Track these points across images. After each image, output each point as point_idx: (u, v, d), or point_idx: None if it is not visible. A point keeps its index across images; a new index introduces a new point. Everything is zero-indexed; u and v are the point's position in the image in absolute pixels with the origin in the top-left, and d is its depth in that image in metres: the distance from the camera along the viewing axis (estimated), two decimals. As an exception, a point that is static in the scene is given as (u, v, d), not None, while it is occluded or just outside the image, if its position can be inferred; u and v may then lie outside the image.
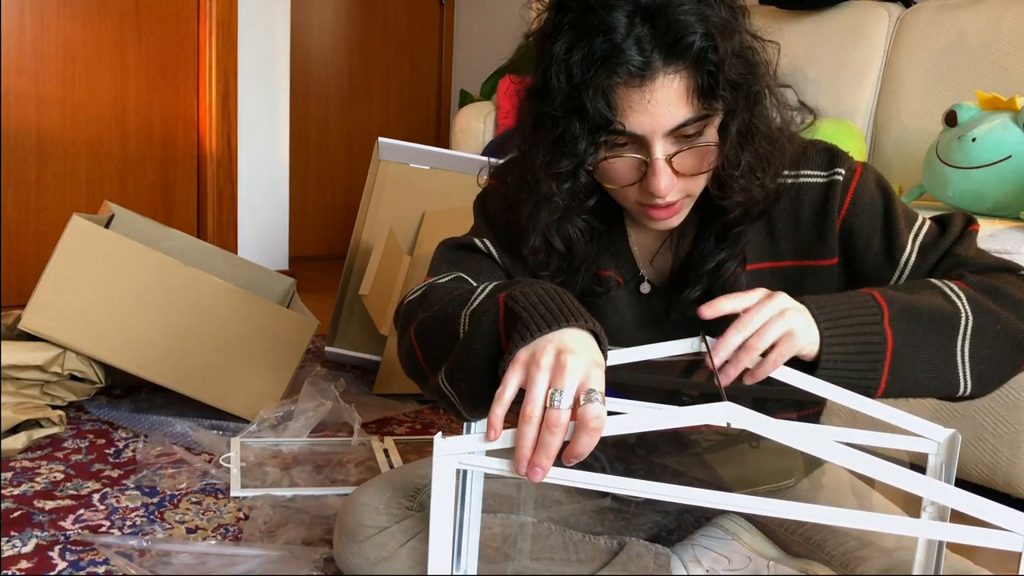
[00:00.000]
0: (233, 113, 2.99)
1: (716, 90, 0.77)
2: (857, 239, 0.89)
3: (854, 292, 0.80)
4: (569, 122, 0.78)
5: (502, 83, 2.96)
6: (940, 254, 0.88)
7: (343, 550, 0.96)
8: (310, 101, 3.74)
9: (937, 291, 0.81)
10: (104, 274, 1.62)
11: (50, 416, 1.54)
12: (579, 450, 0.62)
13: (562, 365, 0.64)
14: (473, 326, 0.75)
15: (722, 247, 0.89)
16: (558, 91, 0.78)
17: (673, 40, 0.75)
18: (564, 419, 0.63)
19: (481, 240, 0.96)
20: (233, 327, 1.68)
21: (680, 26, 0.75)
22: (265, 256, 3.13)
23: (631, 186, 0.82)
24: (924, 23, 2.09)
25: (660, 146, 0.79)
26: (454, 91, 4.08)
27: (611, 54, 0.75)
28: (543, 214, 0.86)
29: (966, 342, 0.79)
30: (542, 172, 0.83)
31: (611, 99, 0.76)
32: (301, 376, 1.83)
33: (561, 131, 0.80)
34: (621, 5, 0.75)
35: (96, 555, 1.15)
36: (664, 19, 0.75)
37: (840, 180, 0.89)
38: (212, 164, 2.98)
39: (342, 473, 1.48)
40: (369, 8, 3.86)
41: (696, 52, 0.75)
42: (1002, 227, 1.44)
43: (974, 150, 1.57)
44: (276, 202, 3.21)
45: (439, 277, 0.92)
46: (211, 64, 2.92)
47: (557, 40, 0.78)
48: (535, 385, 0.64)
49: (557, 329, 0.68)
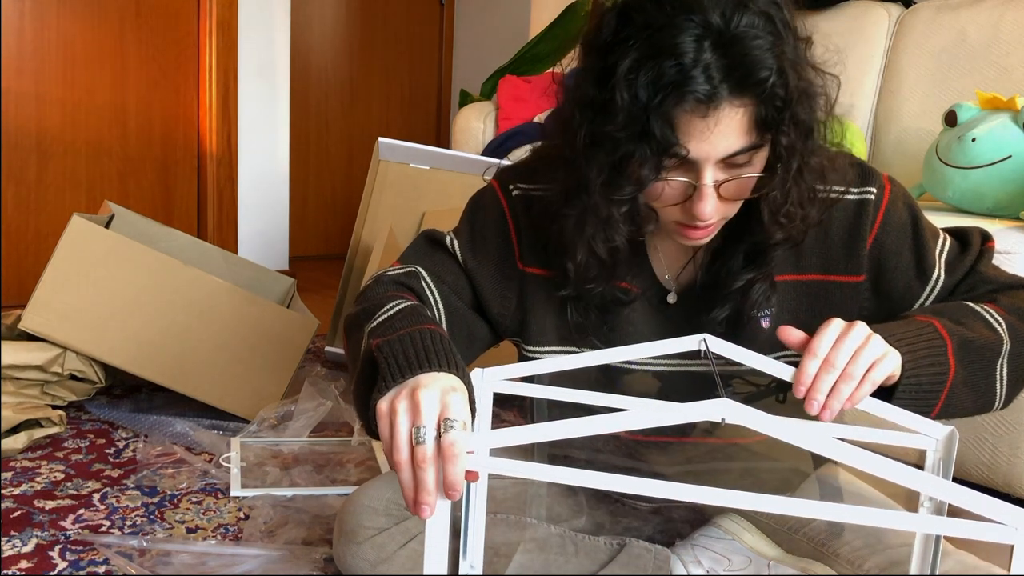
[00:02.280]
0: (233, 113, 2.99)
1: (779, 125, 0.76)
2: (887, 258, 0.90)
3: (912, 320, 0.81)
4: (632, 145, 0.76)
5: (502, 83, 2.97)
6: (964, 271, 0.90)
7: (343, 551, 0.96)
8: (310, 101, 3.74)
9: (980, 319, 0.83)
10: (104, 274, 1.62)
11: (50, 416, 1.54)
12: (449, 480, 0.63)
13: (416, 403, 0.66)
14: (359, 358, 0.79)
15: (752, 266, 0.88)
16: (621, 110, 0.75)
17: (745, 74, 0.73)
18: (430, 453, 0.63)
19: (451, 239, 0.97)
20: (233, 327, 1.68)
21: (753, 61, 0.73)
22: (265, 256, 3.13)
23: (673, 206, 0.81)
24: (924, 23, 2.09)
25: (710, 172, 0.77)
26: (454, 91, 4.08)
27: (679, 81, 0.72)
28: (596, 231, 0.84)
29: (1004, 366, 0.83)
30: (600, 196, 0.81)
31: (675, 124, 0.74)
32: (301, 376, 1.83)
33: (623, 154, 0.77)
34: (690, 27, 0.72)
35: (96, 555, 1.15)
36: (737, 50, 0.72)
37: (872, 199, 0.89)
38: (212, 164, 2.98)
39: (342, 473, 1.48)
40: (369, 8, 3.86)
41: (767, 88, 0.73)
42: (1002, 227, 1.44)
43: (974, 150, 1.57)
44: (276, 202, 3.21)
45: (395, 269, 0.94)
46: (211, 64, 2.92)
47: (621, 57, 0.75)
48: (397, 430, 0.66)
49: (411, 376, 0.70)
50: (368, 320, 0.83)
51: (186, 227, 2.94)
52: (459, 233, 0.98)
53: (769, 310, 0.90)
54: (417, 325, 0.77)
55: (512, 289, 0.96)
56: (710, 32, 0.72)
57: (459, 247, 0.96)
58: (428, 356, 0.72)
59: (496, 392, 0.80)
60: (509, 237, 0.96)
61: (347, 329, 0.89)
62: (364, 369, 0.78)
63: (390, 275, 0.93)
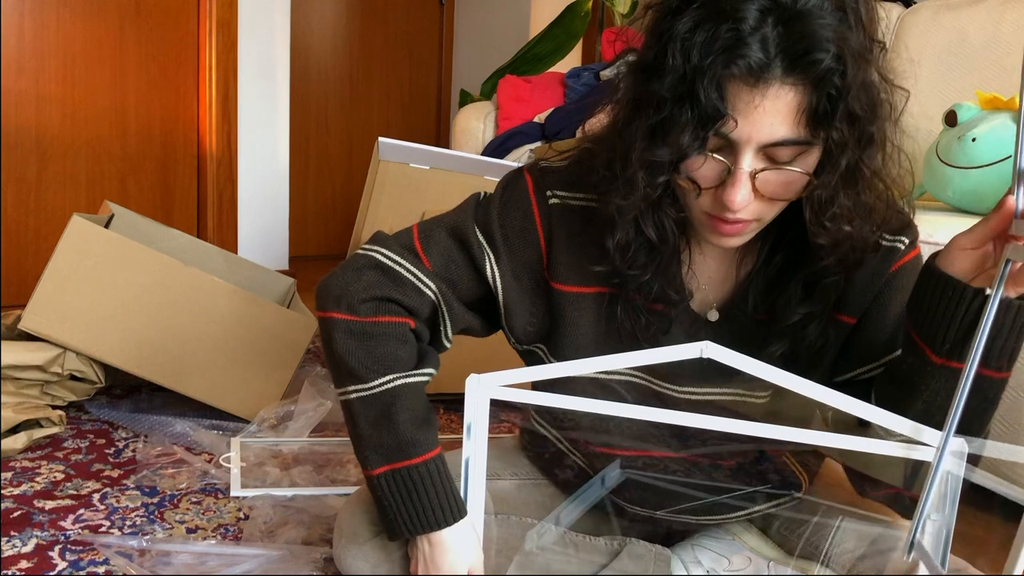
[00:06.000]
0: (233, 113, 2.99)
1: (831, 119, 0.71)
2: (883, 304, 0.88)
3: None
4: (677, 108, 0.72)
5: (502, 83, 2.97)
6: None
7: (343, 552, 0.95)
8: (310, 101, 3.74)
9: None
10: (104, 274, 1.62)
11: (50, 416, 1.54)
12: None
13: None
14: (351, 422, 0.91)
15: (809, 299, 0.85)
16: (671, 70, 0.72)
17: (802, 51, 0.69)
18: None
19: (483, 249, 0.91)
20: (233, 327, 1.68)
21: (814, 38, 0.69)
22: (265, 256, 3.13)
23: (706, 191, 0.77)
24: (924, 23, 2.09)
25: (749, 158, 0.73)
26: (454, 91, 4.08)
27: (733, 45, 0.69)
28: (634, 203, 0.80)
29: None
30: (637, 161, 0.77)
31: (723, 92, 0.71)
32: (301, 376, 1.83)
33: (665, 116, 0.73)
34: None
35: (96, 555, 1.15)
36: (799, 26, 0.69)
37: (900, 249, 0.88)
38: (212, 164, 2.98)
39: (342, 473, 1.48)
40: (369, 8, 3.86)
41: (822, 71, 0.70)
42: (1002, 227, 1.44)
43: (974, 150, 1.57)
44: (276, 202, 3.21)
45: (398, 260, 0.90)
46: (211, 64, 2.92)
47: (682, 17, 0.72)
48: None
49: (423, 533, 0.88)
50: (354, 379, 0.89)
51: (186, 227, 2.94)
52: (493, 243, 0.91)
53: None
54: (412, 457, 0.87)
55: (540, 304, 0.92)
56: (776, 6, 0.70)
57: (494, 265, 0.91)
58: (434, 512, 0.86)
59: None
60: (539, 248, 0.90)
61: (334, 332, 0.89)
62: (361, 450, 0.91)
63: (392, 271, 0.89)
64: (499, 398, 0.79)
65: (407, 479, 0.87)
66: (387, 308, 0.88)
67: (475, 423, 0.81)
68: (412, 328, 0.90)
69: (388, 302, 0.88)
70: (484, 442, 0.81)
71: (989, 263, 0.74)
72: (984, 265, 0.74)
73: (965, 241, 0.74)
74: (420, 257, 0.90)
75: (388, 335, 0.88)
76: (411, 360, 0.89)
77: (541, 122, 2.78)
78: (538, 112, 2.84)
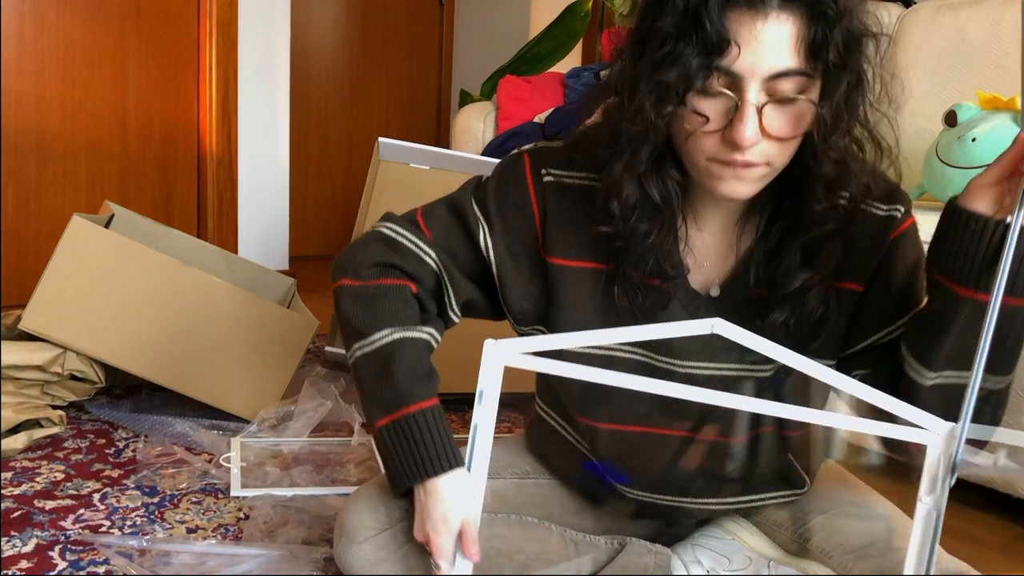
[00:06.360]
0: (233, 113, 2.99)
1: (826, 50, 0.76)
2: (887, 271, 0.91)
3: None
4: (683, 42, 0.76)
5: (502, 83, 2.97)
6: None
7: (343, 551, 0.95)
8: (310, 101, 3.74)
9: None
10: (104, 274, 1.62)
11: (50, 416, 1.54)
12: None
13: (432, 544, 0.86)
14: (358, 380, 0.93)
15: (809, 265, 0.88)
16: (674, 8, 0.76)
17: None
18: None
19: (481, 225, 0.95)
20: (233, 327, 1.68)
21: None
22: (265, 256, 3.13)
23: (712, 134, 0.79)
24: (924, 23, 2.09)
25: (754, 90, 0.76)
26: (454, 91, 4.08)
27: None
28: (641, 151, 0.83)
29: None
30: (644, 88, 0.79)
31: (725, 21, 0.75)
32: (301, 376, 1.83)
33: (670, 50, 0.77)
34: None
35: (96, 555, 1.15)
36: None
37: (897, 217, 0.91)
38: (212, 164, 2.98)
39: (342, 473, 1.48)
40: (369, 8, 3.86)
41: (814, 1, 0.75)
42: (1002, 227, 1.44)
43: (974, 150, 1.57)
44: (276, 202, 3.21)
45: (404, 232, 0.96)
46: (211, 64, 2.92)
47: None
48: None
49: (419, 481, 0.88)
50: (359, 336, 0.92)
51: (186, 227, 2.94)
52: (488, 215, 0.96)
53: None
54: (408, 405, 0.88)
55: (536, 282, 0.96)
56: None
57: (487, 235, 0.95)
58: (429, 459, 0.87)
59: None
60: (534, 225, 0.95)
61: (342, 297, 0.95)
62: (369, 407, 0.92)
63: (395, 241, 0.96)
64: (514, 365, 0.80)
65: (404, 428, 0.88)
66: (389, 272, 0.94)
67: (487, 389, 0.81)
68: (414, 293, 0.95)
69: (390, 267, 0.95)
70: (494, 409, 0.82)
71: (1007, 200, 0.77)
72: (1003, 202, 0.78)
73: (983, 179, 0.78)
74: (422, 229, 0.97)
75: (389, 295, 0.94)
76: (412, 319, 0.94)
77: (541, 122, 2.78)
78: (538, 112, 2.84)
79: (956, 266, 0.80)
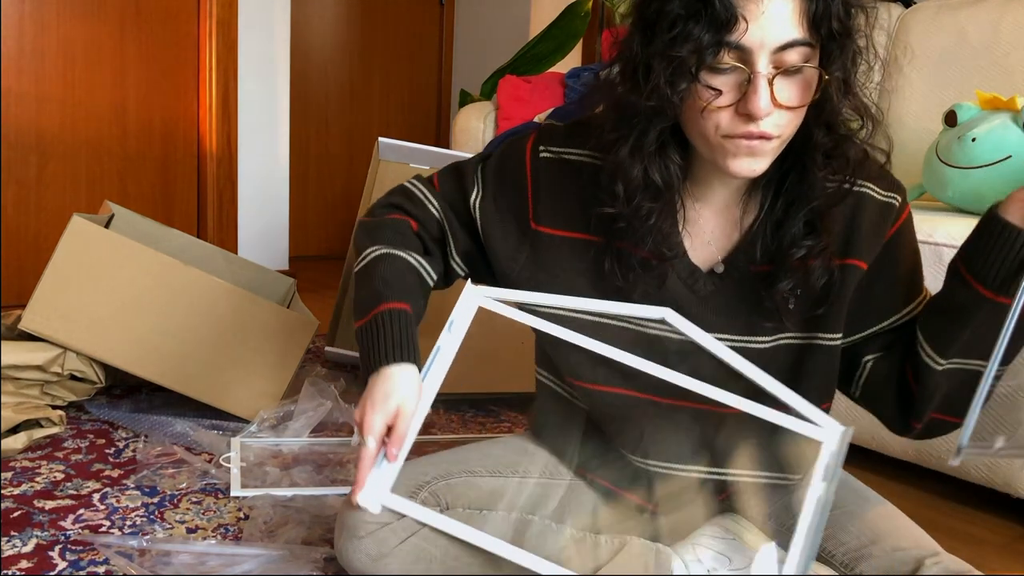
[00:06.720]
0: (233, 113, 2.99)
1: (827, 20, 0.80)
2: (892, 264, 0.97)
3: None
4: (692, 18, 0.79)
5: (502, 83, 2.97)
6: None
7: (344, 546, 0.96)
8: (310, 101, 3.74)
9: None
10: (104, 274, 1.62)
11: (50, 416, 1.54)
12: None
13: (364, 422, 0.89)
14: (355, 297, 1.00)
15: (812, 234, 0.91)
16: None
17: None
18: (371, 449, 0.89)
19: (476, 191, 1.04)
20: (233, 327, 1.68)
21: None
22: (265, 256, 3.13)
23: (726, 109, 0.82)
24: (924, 23, 2.09)
25: (763, 62, 0.80)
26: (454, 91, 4.08)
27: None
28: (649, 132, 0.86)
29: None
30: (660, 70, 0.82)
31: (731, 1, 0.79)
32: (301, 376, 1.83)
33: (681, 28, 0.80)
34: None
35: (96, 555, 1.15)
36: None
37: (895, 205, 0.95)
38: (212, 164, 2.98)
39: (342, 473, 1.48)
40: (369, 8, 3.87)
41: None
42: (1002, 227, 1.44)
43: (974, 150, 1.57)
44: (276, 202, 3.21)
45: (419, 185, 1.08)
46: (211, 64, 2.92)
47: None
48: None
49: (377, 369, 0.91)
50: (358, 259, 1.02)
51: (186, 227, 2.94)
52: (484, 179, 1.04)
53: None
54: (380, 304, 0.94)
55: (523, 250, 1.01)
56: None
57: (478, 196, 1.03)
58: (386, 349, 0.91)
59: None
60: (525, 196, 1.00)
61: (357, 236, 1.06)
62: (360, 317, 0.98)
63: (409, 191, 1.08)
64: (487, 307, 0.93)
65: (372, 325, 0.94)
66: (394, 210, 1.06)
67: (458, 320, 0.94)
68: (415, 229, 1.04)
69: (398, 208, 1.06)
70: (460, 338, 0.94)
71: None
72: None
73: (1022, 193, 0.84)
74: (433, 183, 1.08)
75: (389, 225, 1.04)
76: (404, 244, 1.01)
77: (541, 122, 2.78)
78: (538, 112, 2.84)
79: (984, 269, 0.86)
